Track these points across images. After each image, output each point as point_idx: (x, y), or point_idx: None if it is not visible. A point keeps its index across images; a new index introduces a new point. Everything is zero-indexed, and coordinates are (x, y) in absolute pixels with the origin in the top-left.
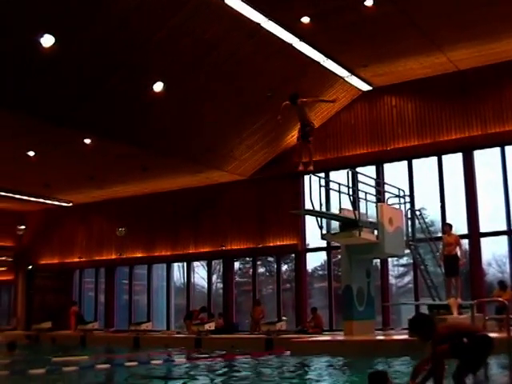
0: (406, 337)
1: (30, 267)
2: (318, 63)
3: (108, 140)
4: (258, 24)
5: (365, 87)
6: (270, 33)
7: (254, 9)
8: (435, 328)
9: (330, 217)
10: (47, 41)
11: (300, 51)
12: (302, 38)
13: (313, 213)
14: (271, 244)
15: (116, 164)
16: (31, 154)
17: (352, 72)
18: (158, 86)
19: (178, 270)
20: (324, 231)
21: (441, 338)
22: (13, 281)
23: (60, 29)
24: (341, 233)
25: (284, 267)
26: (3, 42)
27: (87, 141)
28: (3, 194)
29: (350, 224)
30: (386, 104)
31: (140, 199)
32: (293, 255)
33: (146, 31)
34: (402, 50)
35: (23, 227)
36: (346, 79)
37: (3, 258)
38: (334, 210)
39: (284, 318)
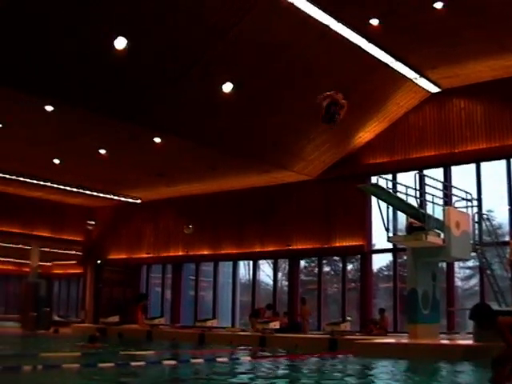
0: (470, 342)
1: (99, 261)
2: (387, 65)
3: (177, 139)
4: (327, 26)
5: (433, 89)
6: (339, 34)
7: (324, 11)
8: (496, 317)
9: (396, 202)
10: (120, 43)
11: (369, 53)
12: (370, 40)
13: (379, 190)
14: (337, 244)
15: (185, 162)
16: (102, 151)
17: (421, 74)
18: (228, 87)
19: (243, 267)
20: (390, 234)
21: (506, 324)
22: (82, 274)
23: (132, 31)
24: (407, 235)
25: (349, 267)
26: (78, 43)
27: (157, 139)
28: (75, 189)
29: (417, 227)
30: (455, 106)
31: (207, 197)
32: (358, 255)
33: (217, 32)
34: (471, 52)
35: (93, 222)
36: (415, 81)
37: (73, 252)
38: (401, 212)
39: (349, 318)
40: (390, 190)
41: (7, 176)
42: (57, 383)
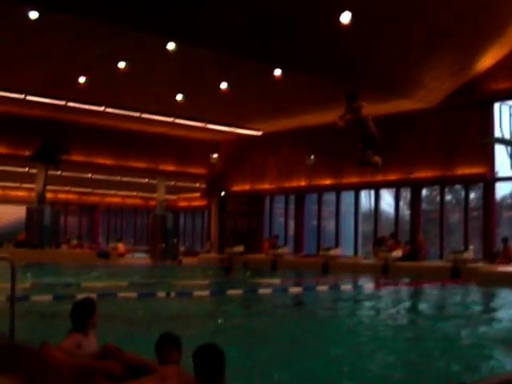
0: None
1: (223, 193)
2: None
3: (296, 71)
4: None
5: None
6: None
7: None
8: None
9: None
10: None
11: None
12: None
13: (503, 141)
14: (459, 172)
15: (304, 94)
16: (224, 86)
17: None
18: (346, 17)
19: (365, 197)
20: None
21: None
22: (206, 207)
23: None
24: None
25: (472, 195)
26: None
27: (277, 72)
28: (198, 124)
29: None
30: None
31: (328, 128)
32: (481, 184)
33: None
34: None
35: (216, 156)
36: None
37: (197, 185)
38: None
39: (471, 246)
40: None
41: (132, 114)
42: (191, 308)
